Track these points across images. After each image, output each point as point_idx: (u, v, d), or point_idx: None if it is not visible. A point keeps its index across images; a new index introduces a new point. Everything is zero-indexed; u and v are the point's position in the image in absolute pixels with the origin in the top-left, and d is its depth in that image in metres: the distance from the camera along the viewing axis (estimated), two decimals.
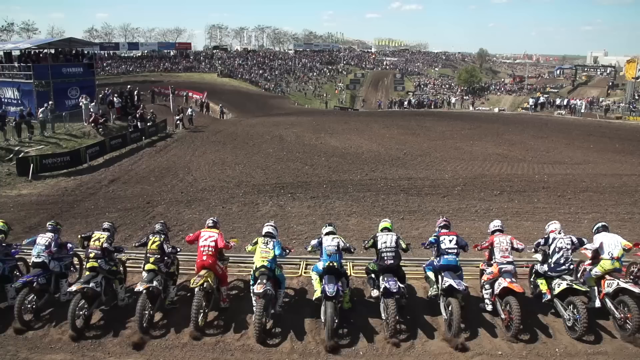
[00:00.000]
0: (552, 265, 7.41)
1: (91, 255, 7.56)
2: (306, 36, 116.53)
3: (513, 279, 7.31)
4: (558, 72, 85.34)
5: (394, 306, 6.89)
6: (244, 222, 12.78)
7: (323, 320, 7.06)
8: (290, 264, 9.33)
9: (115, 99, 28.74)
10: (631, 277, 8.30)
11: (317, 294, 7.29)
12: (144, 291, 7.16)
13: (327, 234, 7.82)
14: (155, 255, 7.65)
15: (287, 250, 7.94)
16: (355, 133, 29.56)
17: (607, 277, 7.45)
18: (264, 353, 6.75)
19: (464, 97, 65.77)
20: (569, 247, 7.40)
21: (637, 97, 49.79)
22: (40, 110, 22.81)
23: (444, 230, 7.90)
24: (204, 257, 7.51)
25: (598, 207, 14.27)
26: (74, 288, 7.20)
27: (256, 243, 7.60)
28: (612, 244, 7.70)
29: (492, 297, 7.52)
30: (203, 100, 42.34)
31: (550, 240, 7.55)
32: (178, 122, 30.17)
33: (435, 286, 7.68)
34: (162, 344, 6.92)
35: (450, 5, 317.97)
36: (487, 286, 7.66)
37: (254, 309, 7.02)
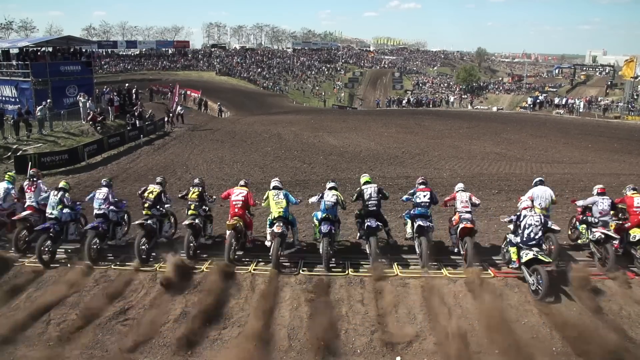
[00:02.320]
0: (524, 239, 8.28)
1: (145, 205, 9.77)
2: (304, 34, 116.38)
3: (469, 223, 9.11)
4: (557, 71, 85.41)
5: (375, 242, 8.98)
6: None
7: (320, 252, 9.07)
8: (289, 262, 9.39)
9: (113, 97, 28.69)
10: (570, 227, 10.33)
11: (317, 235, 9.44)
12: (189, 226, 9.36)
13: (330, 188, 9.61)
14: (195, 202, 9.86)
15: (300, 200, 10.29)
16: (354, 131, 29.58)
17: None
18: (262, 350, 6.78)
19: (463, 96, 65.76)
20: (537, 224, 8.24)
21: (635, 97, 49.88)
22: (38, 108, 22.75)
23: (421, 187, 9.74)
24: (236, 210, 9.49)
25: None
26: (136, 222, 9.52)
27: (267, 198, 9.48)
28: (542, 196, 9.48)
29: (457, 240, 9.45)
30: (201, 98, 42.20)
31: (522, 217, 8.44)
32: (168, 120, 29.68)
33: (410, 230, 9.66)
34: (160, 342, 6.96)
35: (448, 4, 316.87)
36: (452, 231, 9.65)
37: (272, 245, 8.92)
